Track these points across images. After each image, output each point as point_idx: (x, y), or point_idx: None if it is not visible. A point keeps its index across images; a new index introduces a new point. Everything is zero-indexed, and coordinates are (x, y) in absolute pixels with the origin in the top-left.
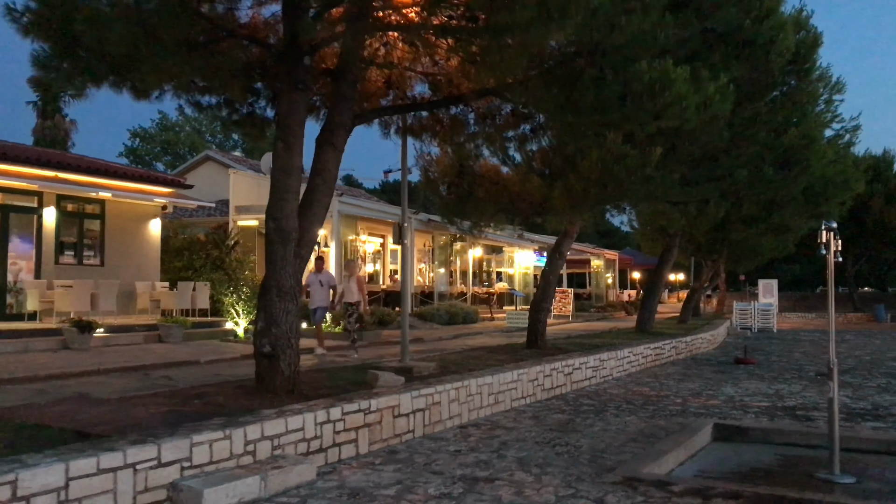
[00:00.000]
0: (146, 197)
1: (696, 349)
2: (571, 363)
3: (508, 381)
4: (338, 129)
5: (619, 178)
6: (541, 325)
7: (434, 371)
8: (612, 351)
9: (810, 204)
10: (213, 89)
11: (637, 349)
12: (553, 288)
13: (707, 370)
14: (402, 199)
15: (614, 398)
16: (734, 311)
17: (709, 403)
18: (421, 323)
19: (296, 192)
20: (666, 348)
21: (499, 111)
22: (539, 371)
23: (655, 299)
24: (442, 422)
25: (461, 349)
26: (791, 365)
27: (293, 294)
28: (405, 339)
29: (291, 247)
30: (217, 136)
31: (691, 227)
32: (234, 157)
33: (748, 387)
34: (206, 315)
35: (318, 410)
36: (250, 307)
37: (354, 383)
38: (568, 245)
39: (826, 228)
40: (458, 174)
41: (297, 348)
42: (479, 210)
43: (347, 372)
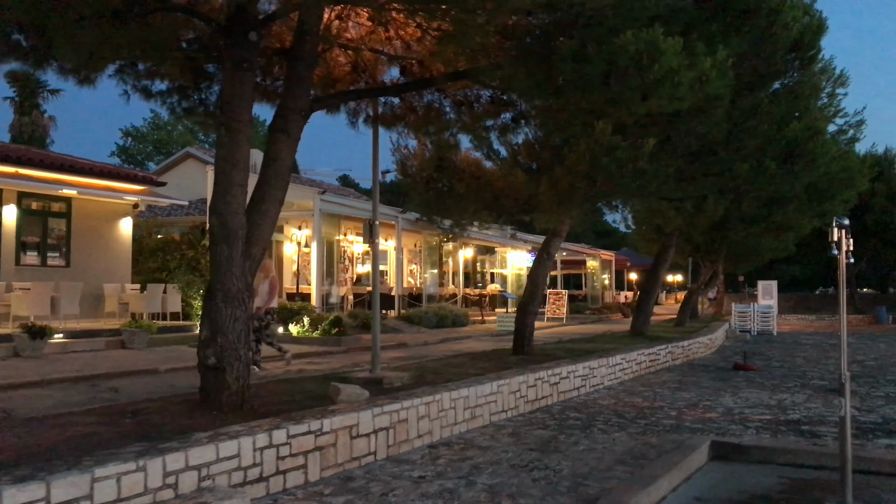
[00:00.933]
0: (116, 195)
1: (694, 354)
2: (558, 372)
3: (487, 394)
4: (292, 114)
5: (609, 171)
6: (528, 329)
7: (407, 382)
8: (603, 358)
9: (813, 202)
10: (160, 74)
11: (630, 355)
12: (541, 290)
13: (704, 378)
14: (374, 193)
15: (604, 410)
16: (733, 313)
17: (706, 416)
18: (408, 326)
19: (242, 184)
20: (661, 354)
21: (477, 99)
22: (522, 381)
23: (651, 302)
24: (409, 441)
25: (444, 355)
26: (793, 371)
27: (241, 299)
28: (376, 346)
29: (238, 246)
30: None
31: (688, 227)
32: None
33: (748, 397)
34: (178, 319)
35: (258, 434)
36: None
37: (316, 397)
38: (556, 245)
39: (837, 225)
40: (437, 168)
41: (246, 359)
42: (459, 207)
43: (312, 384)
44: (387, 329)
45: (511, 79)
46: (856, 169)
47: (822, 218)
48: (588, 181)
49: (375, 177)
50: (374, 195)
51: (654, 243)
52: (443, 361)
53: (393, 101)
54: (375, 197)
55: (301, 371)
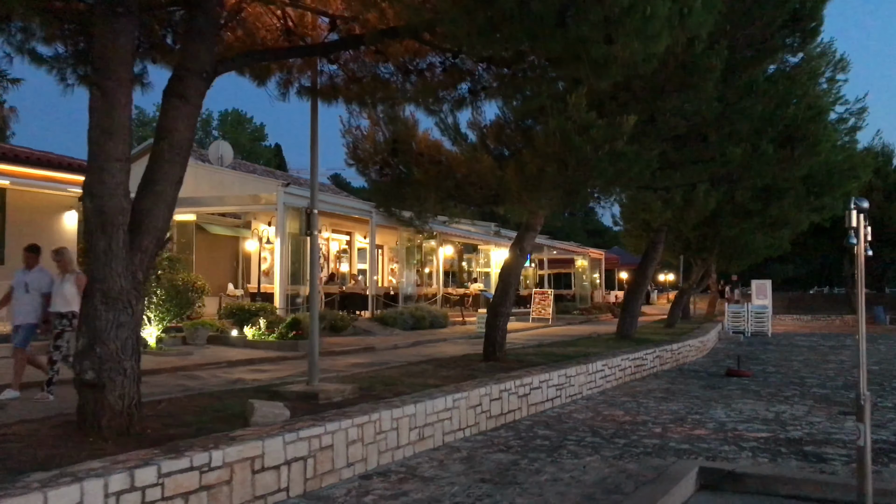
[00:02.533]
0: (58, 186)
1: (684, 358)
2: (528, 382)
3: (439, 410)
4: (190, 76)
5: (583, 153)
6: (499, 332)
7: (349, 396)
8: (582, 364)
9: (811, 195)
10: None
11: (614, 361)
12: (513, 289)
13: (695, 385)
14: (312, 176)
15: (578, 427)
16: (726, 313)
17: (694, 433)
18: (381, 328)
19: (122, 158)
20: (648, 359)
21: (430, 68)
22: (484, 394)
23: (638, 302)
24: (335, 472)
25: (408, 362)
26: (791, 378)
27: (126, 301)
28: (313, 356)
29: (119, 235)
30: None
31: (678, 222)
32: None
33: (742, 409)
34: None
35: (114, 474)
36: (165, 312)
37: (232, 417)
38: (530, 240)
39: (856, 208)
40: (391, 152)
41: (135, 373)
42: (418, 196)
43: (239, 398)
44: (358, 331)
45: (451, 20)
46: (858, 159)
47: (821, 212)
48: (559, 165)
49: (314, 158)
50: (313, 179)
51: (642, 240)
52: (403, 369)
53: (332, 69)
54: (314, 181)
55: (238, 381)
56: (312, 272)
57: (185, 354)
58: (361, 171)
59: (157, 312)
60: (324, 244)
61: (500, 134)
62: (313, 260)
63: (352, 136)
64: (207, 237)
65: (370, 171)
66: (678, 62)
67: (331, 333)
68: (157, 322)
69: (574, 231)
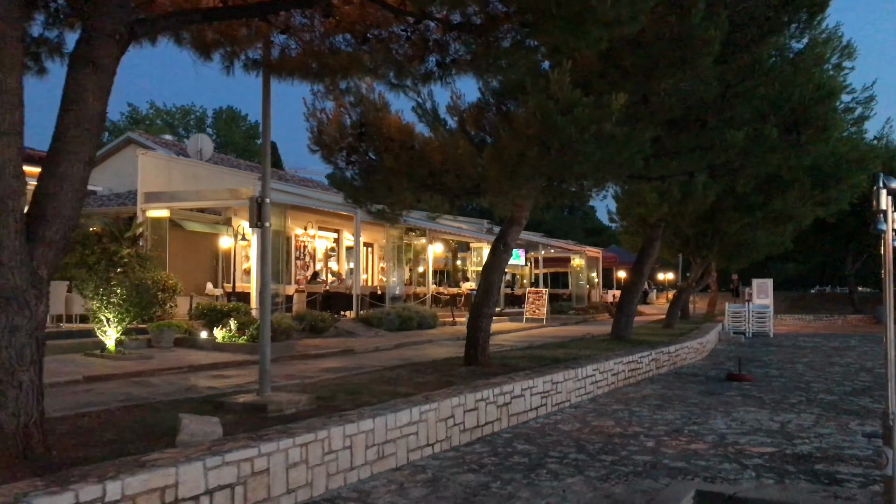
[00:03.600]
0: None
1: (682, 361)
2: (509, 390)
3: (403, 424)
4: (100, 38)
5: (566, 135)
6: (481, 334)
7: (304, 408)
8: (570, 369)
9: (817, 187)
10: None
11: (606, 365)
12: (497, 287)
13: (692, 390)
14: (263, 162)
15: (562, 440)
16: (726, 313)
17: (691, 448)
18: (364, 329)
19: (11, 131)
20: (644, 362)
21: (395, 40)
22: (457, 405)
23: (634, 302)
24: (271, 501)
25: (384, 366)
26: (795, 382)
27: (20, 301)
28: (264, 362)
29: (11, 224)
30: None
31: (675, 216)
32: (163, 140)
33: (744, 418)
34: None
35: None
36: (124, 312)
37: (160, 434)
38: (514, 235)
39: (885, 188)
40: (358, 136)
41: (34, 386)
42: (390, 186)
43: (173, 411)
44: (340, 332)
45: None
46: (866, 149)
47: (826, 206)
48: (540, 148)
49: (266, 139)
50: (264, 164)
51: (639, 237)
52: (376, 375)
53: (283, 39)
54: (265, 165)
55: (192, 388)
56: (263, 269)
57: (146, 359)
58: (326, 159)
59: (116, 313)
60: (309, 242)
61: (479, 118)
62: (264, 255)
63: (315, 120)
64: (184, 234)
65: (336, 159)
66: (673, 35)
67: (311, 335)
68: (115, 323)
69: (572, 230)
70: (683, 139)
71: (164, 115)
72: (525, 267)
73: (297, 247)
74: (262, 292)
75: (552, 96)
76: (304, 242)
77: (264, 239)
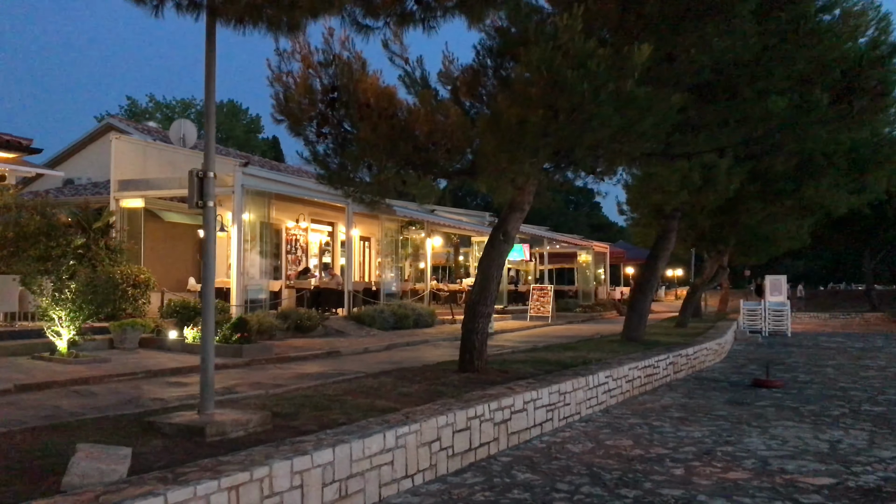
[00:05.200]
0: None
1: (701, 363)
2: (509, 403)
3: (375, 453)
4: None
5: (578, 95)
6: (478, 337)
7: (255, 429)
8: (580, 377)
9: (854, 170)
10: None
11: (620, 371)
12: (495, 284)
13: (717, 399)
14: (207, 128)
15: (572, 466)
16: (741, 311)
17: (729, 478)
18: (356, 328)
19: None
20: (661, 366)
21: None
22: (444, 424)
23: (647, 300)
24: None
25: (367, 372)
26: (831, 389)
27: None
28: (206, 372)
29: None
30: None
31: (693, 206)
32: (146, 127)
33: (784, 435)
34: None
35: None
36: (77, 309)
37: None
38: (515, 222)
39: None
40: (330, 103)
41: None
42: (367, 163)
43: (90, 435)
44: (329, 332)
45: None
46: None
47: (861, 194)
48: (546, 112)
49: (210, 101)
50: (208, 130)
51: (652, 229)
52: (355, 383)
53: None
54: (209, 132)
55: (135, 399)
56: (206, 261)
57: (101, 362)
58: (294, 131)
59: (69, 310)
60: (302, 235)
61: (475, 85)
62: (207, 245)
63: (281, 85)
64: (162, 225)
65: (305, 131)
66: None
67: (296, 335)
68: (68, 322)
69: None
70: (712, 111)
71: (164, 109)
72: (529, 262)
73: (289, 240)
74: (203, 288)
75: (560, 47)
76: (296, 236)
77: (207, 220)
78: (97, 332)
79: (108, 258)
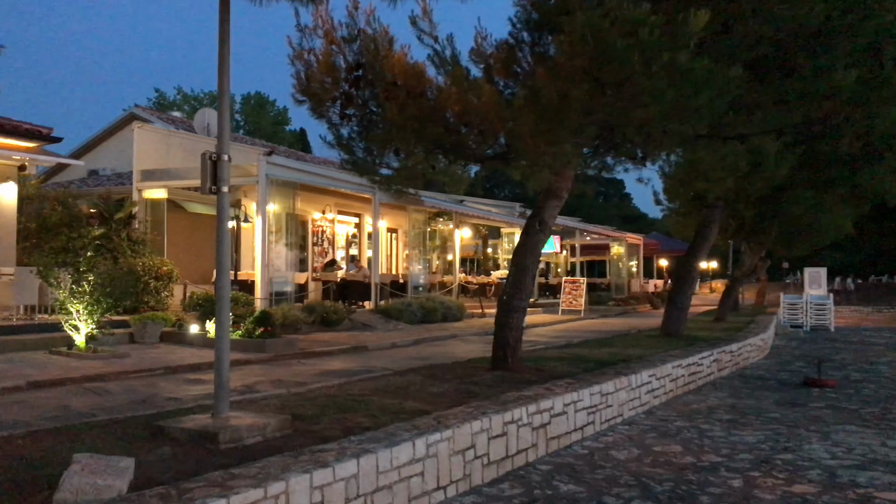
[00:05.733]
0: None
1: (745, 360)
2: (548, 406)
3: (403, 463)
4: None
5: (628, 67)
6: (512, 333)
7: (272, 434)
8: (622, 376)
9: None
10: None
11: (663, 369)
12: (530, 276)
13: (767, 399)
14: (221, 107)
15: (619, 475)
16: (781, 305)
17: (795, 492)
18: (383, 322)
19: None
20: (704, 364)
21: None
22: (479, 430)
23: (688, 293)
24: None
25: (397, 369)
26: (888, 389)
27: None
28: (220, 372)
29: None
30: None
31: (737, 194)
32: (170, 117)
33: (848, 442)
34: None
35: None
36: (97, 304)
37: (45, 481)
38: (552, 210)
39: None
40: (354, 81)
41: None
42: (394, 147)
43: (95, 440)
44: (355, 326)
45: None
46: None
47: None
48: (591, 86)
49: (223, 73)
50: (222, 110)
51: (692, 219)
52: (382, 381)
53: None
54: (224, 112)
55: (151, 399)
56: (219, 251)
57: (119, 357)
58: (317, 112)
59: (86, 304)
60: (328, 227)
61: (510, 62)
62: (220, 234)
63: (303, 63)
64: (186, 216)
65: (328, 112)
66: None
67: (322, 328)
68: (86, 316)
69: (608, 217)
70: (768, 89)
71: (192, 101)
72: (560, 254)
73: (315, 232)
74: (217, 280)
75: (608, 14)
76: (322, 227)
77: (221, 208)
78: (117, 326)
79: (130, 249)
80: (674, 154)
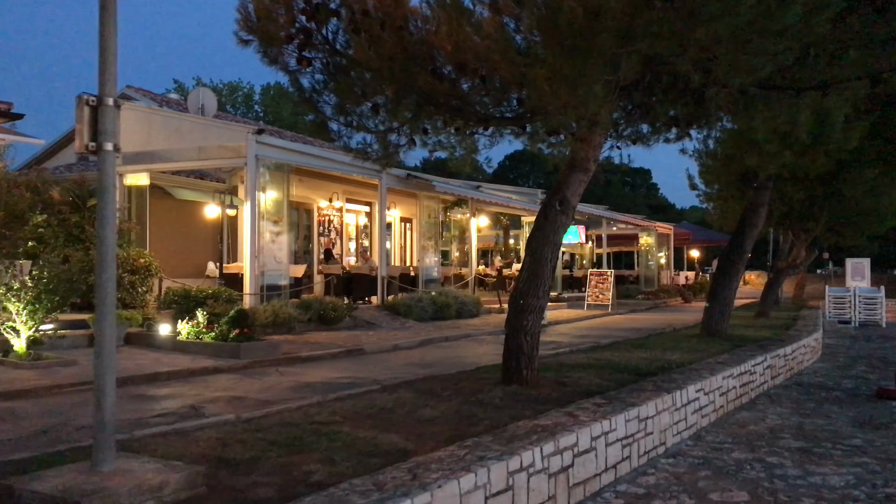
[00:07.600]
0: None
1: (799, 364)
2: (571, 442)
3: None
4: None
5: None
6: (526, 339)
7: (170, 497)
8: (665, 393)
9: None
10: None
11: (712, 381)
12: (549, 268)
13: (839, 417)
14: (103, 26)
15: None
16: (826, 298)
17: None
18: (389, 319)
19: None
20: (757, 371)
21: None
22: (470, 489)
23: (733, 287)
24: None
25: (390, 379)
26: None
27: None
28: (105, 406)
29: None
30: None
31: (793, 172)
32: (166, 98)
33: None
34: None
35: None
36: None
37: None
38: (576, 187)
39: None
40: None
41: None
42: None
43: None
44: (358, 324)
45: None
46: None
47: None
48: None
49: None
50: (104, 39)
51: (735, 203)
52: (363, 401)
53: None
54: (108, 30)
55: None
56: (102, 234)
57: (65, 365)
58: (268, 56)
59: (25, 303)
60: (336, 216)
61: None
62: (104, 212)
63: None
64: (174, 204)
65: (283, 55)
66: None
67: (319, 327)
68: (28, 318)
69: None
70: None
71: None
72: (585, 245)
73: (321, 221)
74: (100, 277)
75: None
76: (329, 216)
77: (104, 175)
78: (76, 326)
79: None
80: (720, 122)
